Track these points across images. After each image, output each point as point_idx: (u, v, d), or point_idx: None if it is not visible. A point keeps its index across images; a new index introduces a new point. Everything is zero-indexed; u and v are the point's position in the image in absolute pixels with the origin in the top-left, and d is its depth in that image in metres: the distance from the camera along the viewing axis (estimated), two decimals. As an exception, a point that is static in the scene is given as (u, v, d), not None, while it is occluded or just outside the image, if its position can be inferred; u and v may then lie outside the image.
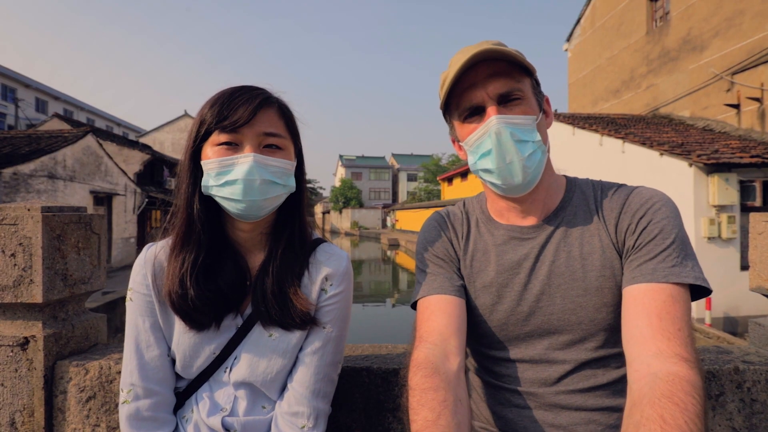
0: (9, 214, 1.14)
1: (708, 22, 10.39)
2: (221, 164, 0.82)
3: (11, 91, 29.99)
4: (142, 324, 0.90)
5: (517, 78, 0.82)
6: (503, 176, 0.82)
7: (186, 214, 0.87)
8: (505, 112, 0.81)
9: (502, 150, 0.81)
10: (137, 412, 0.87)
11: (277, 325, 0.89)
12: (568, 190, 0.91)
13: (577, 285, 0.83)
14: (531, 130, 0.82)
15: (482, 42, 0.85)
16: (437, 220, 1.00)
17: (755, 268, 1.24)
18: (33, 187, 10.66)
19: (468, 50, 0.82)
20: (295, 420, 0.88)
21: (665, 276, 0.73)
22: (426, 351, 0.78)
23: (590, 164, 9.43)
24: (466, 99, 0.84)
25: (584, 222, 0.86)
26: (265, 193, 0.84)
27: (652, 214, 0.80)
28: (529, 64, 0.82)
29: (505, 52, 0.79)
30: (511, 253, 0.88)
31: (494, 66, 0.81)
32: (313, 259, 0.94)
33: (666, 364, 0.65)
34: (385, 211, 49.48)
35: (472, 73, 0.81)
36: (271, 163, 0.84)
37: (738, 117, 9.66)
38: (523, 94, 0.83)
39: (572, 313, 0.83)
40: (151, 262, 0.91)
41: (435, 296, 0.87)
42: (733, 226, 6.93)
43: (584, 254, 0.84)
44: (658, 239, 0.77)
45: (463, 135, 0.87)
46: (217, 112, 0.82)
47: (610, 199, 0.86)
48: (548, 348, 0.84)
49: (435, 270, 0.92)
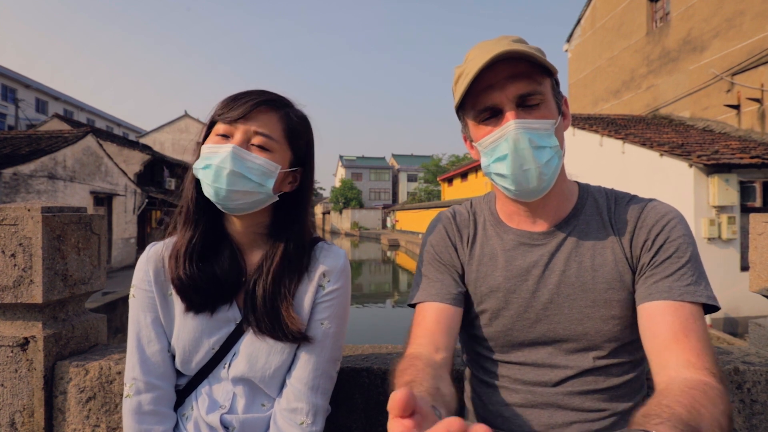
0: (9, 214, 1.14)
1: (708, 22, 10.39)
2: (209, 150, 0.88)
3: (11, 91, 30.00)
4: (144, 319, 0.93)
5: (538, 80, 0.79)
6: (518, 182, 0.80)
7: (187, 199, 0.93)
8: (524, 116, 0.78)
9: (518, 156, 0.78)
10: (139, 406, 0.89)
11: (268, 335, 0.91)
12: (581, 197, 0.90)
13: (587, 296, 0.82)
14: (549, 135, 0.79)
15: (501, 38, 0.81)
16: (443, 222, 0.98)
17: (755, 269, 1.24)
18: (33, 188, 10.66)
19: (487, 48, 0.77)
20: (293, 416, 0.89)
21: (681, 294, 0.74)
22: (413, 350, 0.82)
23: (590, 165, 9.43)
24: (483, 100, 0.80)
25: (597, 232, 0.85)
26: (232, 183, 0.85)
27: (669, 232, 0.80)
28: (551, 65, 0.78)
29: (527, 53, 0.75)
30: (520, 259, 0.87)
31: (514, 66, 0.77)
32: (311, 256, 0.96)
33: (697, 374, 0.65)
34: (386, 211, 49.47)
35: (490, 72, 0.77)
36: (248, 158, 0.86)
37: (738, 118, 9.66)
38: (544, 97, 0.79)
39: (579, 323, 0.82)
40: (153, 259, 0.95)
41: (431, 303, 0.88)
42: (733, 227, 6.93)
43: (596, 266, 0.83)
44: (674, 257, 0.77)
45: (477, 136, 0.84)
46: (222, 106, 0.89)
47: (624, 211, 0.86)
48: (551, 354, 0.84)
49: (435, 276, 0.92)
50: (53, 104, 34.30)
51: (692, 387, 0.61)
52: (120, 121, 46.44)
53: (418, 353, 0.79)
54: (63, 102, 35.87)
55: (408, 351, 0.82)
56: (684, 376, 0.65)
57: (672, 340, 0.70)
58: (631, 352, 0.84)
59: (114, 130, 41.61)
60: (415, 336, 0.85)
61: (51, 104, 34.03)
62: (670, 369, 0.67)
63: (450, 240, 0.95)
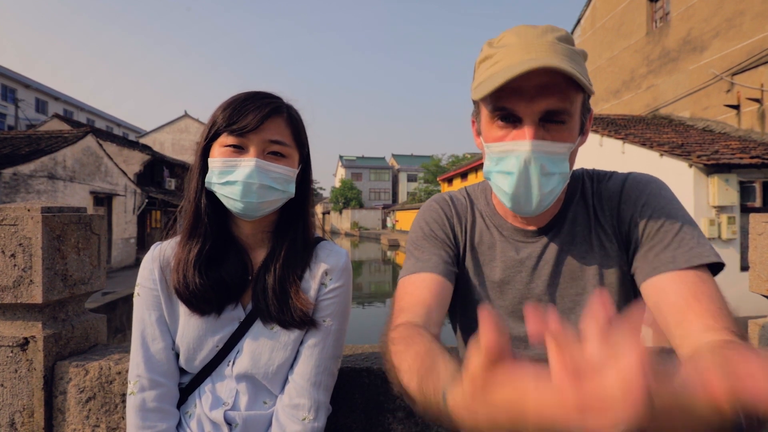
0: (9, 214, 1.14)
1: (708, 22, 10.40)
2: (225, 164, 0.87)
3: (11, 91, 30.00)
4: (148, 317, 0.94)
5: (571, 97, 0.70)
6: (516, 201, 0.76)
7: (194, 207, 0.93)
8: (544, 135, 0.71)
9: (525, 179, 0.72)
10: (143, 403, 0.90)
11: (276, 322, 0.92)
12: (569, 191, 0.89)
13: (576, 284, 0.83)
14: (563, 161, 0.73)
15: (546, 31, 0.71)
16: (439, 202, 0.94)
17: (755, 269, 1.24)
18: (33, 188, 10.66)
19: (527, 45, 0.69)
20: (296, 412, 0.90)
21: (687, 261, 0.70)
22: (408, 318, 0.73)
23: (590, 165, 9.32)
24: (506, 103, 0.71)
25: (583, 219, 0.85)
26: (262, 196, 0.88)
27: (655, 201, 0.78)
28: (587, 84, 0.68)
29: (568, 72, 0.65)
30: (514, 252, 0.88)
31: (550, 76, 0.67)
32: (313, 256, 0.98)
33: (719, 335, 0.61)
34: (385, 211, 49.49)
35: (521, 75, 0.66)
36: (272, 169, 0.88)
37: (738, 118, 9.66)
38: (571, 117, 0.72)
39: (571, 312, 0.83)
40: (158, 258, 0.96)
41: (426, 274, 0.82)
42: (732, 227, 6.93)
43: (582, 252, 0.83)
44: (667, 225, 0.75)
45: (489, 135, 0.77)
46: (228, 115, 0.87)
47: (605, 189, 0.85)
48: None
49: (430, 250, 0.87)
50: (53, 104, 34.30)
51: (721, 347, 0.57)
52: (120, 121, 46.43)
53: (414, 322, 0.71)
54: (63, 102, 35.86)
55: (400, 320, 0.73)
56: (706, 340, 0.61)
57: (686, 308, 0.66)
58: None
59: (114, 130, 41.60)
60: (408, 304, 0.77)
61: (51, 104, 34.02)
62: (691, 338, 0.64)
63: (447, 220, 0.91)
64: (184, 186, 0.97)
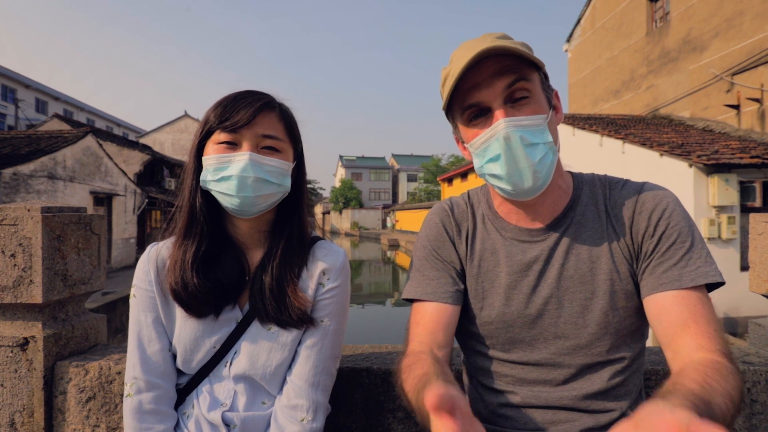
0: (9, 214, 1.14)
1: (708, 22, 10.39)
2: (219, 160, 0.87)
3: (11, 91, 29.98)
4: (145, 319, 0.93)
5: (526, 74, 0.76)
6: (513, 182, 0.79)
7: (189, 207, 0.93)
8: (514, 114, 0.76)
9: (511, 155, 0.76)
10: (140, 405, 0.89)
11: (274, 322, 0.92)
12: (576, 188, 0.88)
13: (585, 288, 0.82)
14: (542, 131, 0.77)
15: (485, 36, 0.79)
16: (441, 216, 0.95)
17: (755, 269, 1.24)
18: (33, 188, 10.66)
19: (471, 46, 0.76)
20: (294, 413, 0.90)
21: (693, 279, 0.74)
22: (415, 347, 0.83)
23: (590, 165, 9.42)
24: (471, 99, 0.78)
25: (594, 223, 0.85)
26: (258, 190, 0.88)
27: (669, 217, 0.79)
28: (537, 59, 0.76)
29: (511, 48, 0.73)
30: (521, 255, 0.86)
31: (500, 62, 0.75)
32: (310, 255, 0.97)
33: (709, 355, 0.68)
34: (385, 211, 49.48)
35: (475, 71, 0.75)
36: (266, 162, 0.88)
37: (738, 117, 9.66)
38: (532, 92, 0.77)
39: (580, 316, 0.82)
40: (154, 259, 0.95)
41: (430, 303, 0.88)
42: (733, 227, 6.93)
43: (593, 257, 0.82)
44: (678, 243, 0.77)
45: (468, 137, 0.82)
46: (220, 113, 0.88)
47: (620, 197, 0.85)
48: (554, 353, 0.83)
49: (432, 273, 0.90)
50: (53, 104, 34.28)
51: (705, 365, 0.64)
52: (120, 121, 46.40)
53: (420, 350, 0.81)
54: (63, 102, 35.84)
55: (410, 348, 0.83)
56: (697, 358, 0.68)
57: (684, 328, 0.72)
58: (631, 345, 0.83)
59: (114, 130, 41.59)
60: (415, 334, 0.86)
61: (51, 104, 34.00)
62: (684, 355, 0.70)
63: (448, 235, 0.93)
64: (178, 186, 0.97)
